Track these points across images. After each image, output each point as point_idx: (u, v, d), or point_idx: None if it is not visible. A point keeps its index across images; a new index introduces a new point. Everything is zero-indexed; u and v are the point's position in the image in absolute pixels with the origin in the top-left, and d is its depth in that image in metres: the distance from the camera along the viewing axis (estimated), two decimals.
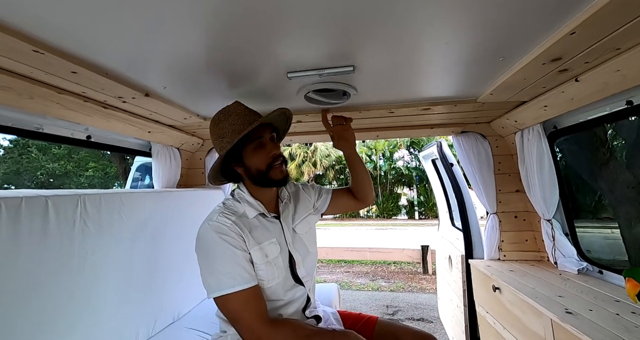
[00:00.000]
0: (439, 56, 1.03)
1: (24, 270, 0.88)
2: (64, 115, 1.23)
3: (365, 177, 1.32)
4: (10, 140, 16.05)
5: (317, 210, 1.28)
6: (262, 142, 1.04)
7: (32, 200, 0.90)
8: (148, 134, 1.69)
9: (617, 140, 1.72)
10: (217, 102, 1.48)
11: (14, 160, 15.74)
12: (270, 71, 1.13)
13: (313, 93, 1.40)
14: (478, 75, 1.20)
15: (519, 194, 1.85)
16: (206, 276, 0.94)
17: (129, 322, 1.23)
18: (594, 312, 1.03)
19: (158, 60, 0.99)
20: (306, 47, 0.93)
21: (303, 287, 1.12)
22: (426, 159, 2.98)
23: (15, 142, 15.91)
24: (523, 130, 1.62)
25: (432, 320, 3.39)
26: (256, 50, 0.96)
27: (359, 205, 1.37)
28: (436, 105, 1.53)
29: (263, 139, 1.04)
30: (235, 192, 1.11)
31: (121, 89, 1.15)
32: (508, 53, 0.99)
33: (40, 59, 0.87)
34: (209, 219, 1.00)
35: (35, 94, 1.03)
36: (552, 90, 1.22)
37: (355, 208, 1.39)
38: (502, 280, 1.44)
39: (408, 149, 17.84)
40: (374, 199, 1.42)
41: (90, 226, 1.09)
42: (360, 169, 1.31)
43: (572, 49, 0.89)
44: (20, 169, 15.48)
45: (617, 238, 1.61)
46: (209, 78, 1.17)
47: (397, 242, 8.58)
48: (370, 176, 1.36)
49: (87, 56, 0.92)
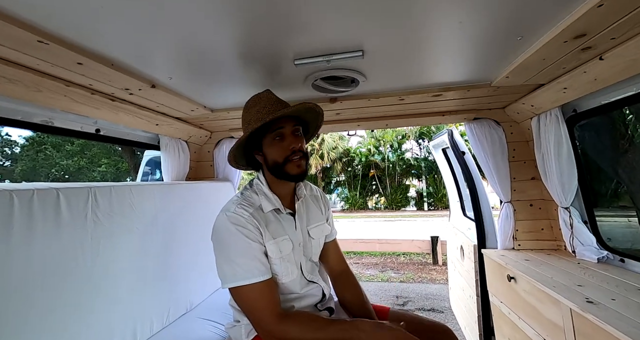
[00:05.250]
0: (452, 37, 0.98)
1: (38, 261, 0.89)
2: (73, 109, 1.23)
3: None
4: (26, 138, 16.54)
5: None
6: (283, 134, 1.01)
7: (44, 193, 0.91)
8: (156, 126, 1.69)
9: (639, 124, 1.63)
10: (222, 94, 1.46)
11: (30, 157, 16.23)
12: (277, 58, 1.10)
13: (321, 81, 1.37)
14: (493, 57, 1.14)
15: (535, 181, 1.79)
16: (222, 266, 0.94)
17: (143, 312, 1.25)
18: (617, 301, 0.99)
19: (163, 50, 0.98)
20: (315, 30, 0.90)
21: (318, 284, 1.12)
22: (436, 148, 2.92)
23: (31, 140, 16.38)
24: (540, 115, 1.55)
25: (442, 311, 3.37)
26: (263, 36, 0.93)
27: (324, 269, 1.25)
28: (448, 91, 1.48)
29: (284, 131, 1.01)
30: (254, 182, 1.09)
31: (127, 81, 1.15)
32: (527, 31, 0.93)
33: (45, 50, 0.86)
34: (226, 210, 1.00)
35: (43, 87, 1.03)
36: (573, 71, 1.15)
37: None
38: (518, 269, 1.41)
39: (417, 140, 17.60)
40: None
41: (101, 218, 1.10)
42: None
43: (598, 23, 0.83)
44: (36, 166, 15.95)
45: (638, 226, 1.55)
46: (215, 68, 1.15)
47: (406, 233, 8.54)
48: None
49: (91, 47, 0.91)
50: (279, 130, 1.01)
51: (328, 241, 1.24)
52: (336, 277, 1.23)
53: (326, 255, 1.24)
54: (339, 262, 1.25)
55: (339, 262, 1.25)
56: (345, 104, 1.62)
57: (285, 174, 1.01)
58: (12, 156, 17.09)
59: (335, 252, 1.26)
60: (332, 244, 1.26)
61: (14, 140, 17.00)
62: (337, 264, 1.25)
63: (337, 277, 1.23)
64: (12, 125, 1.14)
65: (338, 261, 1.25)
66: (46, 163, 16.05)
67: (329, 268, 1.25)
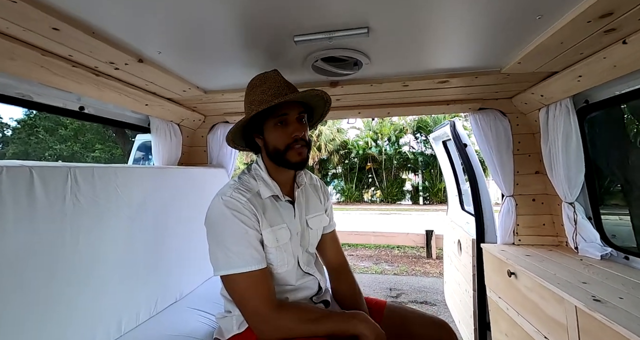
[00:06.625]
0: (466, 16, 0.90)
1: (10, 249, 0.81)
2: (52, 82, 1.14)
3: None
4: (18, 120, 16.17)
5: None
6: (286, 120, 0.95)
7: (14, 171, 0.83)
8: (145, 107, 1.60)
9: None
10: (216, 73, 1.37)
11: (22, 140, 15.90)
12: (275, 34, 1.01)
13: (322, 62, 1.28)
14: (506, 40, 1.07)
15: (539, 175, 1.74)
16: (215, 252, 0.89)
17: (130, 302, 1.19)
18: (625, 300, 0.95)
19: (152, 19, 0.88)
20: (317, 2, 0.81)
21: (314, 276, 1.08)
22: (437, 141, 2.86)
23: (23, 122, 16.03)
24: (549, 105, 1.49)
25: (435, 304, 3.38)
26: (260, 7, 0.84)
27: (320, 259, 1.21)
28: (455, 77, 1.40)
29: (288, 117, 0.95)
30: (252, 167, 1.04)
31: (112, 53, 1.05)
32: (548, 8, 0.85)
33: (14, 10, 0.76)
34: (222, 193, 0.94)
35: (16, 55, 0.93)
36: (591, 57, 1.08)
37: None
38: (519, 265, 1.37)
39: (414, 134, 17.52)
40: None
41: (82, 202, 1.02)
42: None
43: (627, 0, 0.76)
44: (29, 149, 15.65)
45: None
46: (208, 44, 1.06)
47: (401, 226, 8.56)
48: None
49: (69, 11, 0.82)
50: (284, 116, 0.94)
51: (326, 233, 1.19)
52: (333, 271, 1.19)
53: (324, 248, 1.19)
54: (337, 255, 1.20)
55: (337, 255, 1.20)
56: (347, 89, 1.54)
57: (285, 161, 0.96)
58: (3, 139, 16.74)
59: (334, 244, 1.21)
60: (331, 235, 1.20)
61: (5, 122, 16.60)
62: (335, 257, 1.20)
63: (334, 271, 1.19)
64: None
65: (336, 254, 1.20)
66: (39, 147, 15.75)
67: (327, 261, 1.20)
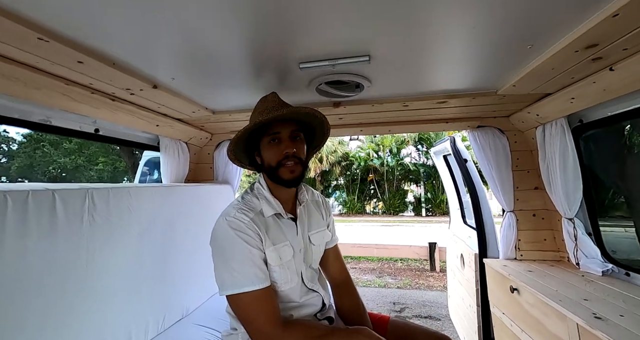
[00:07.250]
0: (461, 44, 0.96)
1: (33, 265, 0.86)
2: (72, 108, 1.21)
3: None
4: (24, 135, 16.41)
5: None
6: (279, 138, 0.99)
7: (39, 194, 0.88)
8: (156, 127, 1.66)
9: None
10: (225, 96, 1.44)
11: (27, 154, 16.09)
12: (281, 61, 1.08)
13: (325, 85, 1.35)
14: (501, 65, 1.13)
15: (538, 191, 1.78)
16: (220, 272, 0.92)
17: (138, 318, 1.22)
18: (625, 318, 0.97)
19: (167, 50, 0.95)
20: (321, 33, 0.88)
21: (318, 293, 1.10)
22: (438, 155, 2.91)
23: (29, 137, 16.26)
24: (545, 124, 1.54)
25: (440, 318, 3.33)
26: (269, 39, 0.91)
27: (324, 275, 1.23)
28: (453, 98, 1.46)
29: (281, 135, 0.99)
30: (255, 186, 1.07)
31: (129, 81, 1.12)
32: (538, 39, 0.92)
33: (45, 48, 0.83)
34: (226, 214, 0.97)
35: (42, 85, 1.00)
36: (581, 81, 1.14)
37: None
38: (521, 281, 1.38)
39: (416, 146, 17.60)
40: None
41: (98, 220, 1.07)
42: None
43: (611, 33, 0.82)
44: (34, 163, 15.82)
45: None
46: (218, 69, 1.13)
47: (404, 239, 8.50)
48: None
49: (93, 45, 0.89)
50: (276, 134, 0.99)
51: (329, 248, 1.21)
52: (336, 286, 1.21)
53: (327, 263, 1.21)
54: (340, 270, 1.23)
55: (340, 271, 1.22)
56: (349, 108, 1.61)
57: (278, 178, 0.99)
58: (9, 153, 16.95)
59: (337, 259, 1.23)
60: (333, 250, 1.23)
61: (12, 137, 16.87)
62: (338, 272, 1.22)
63: (337, 286, 1.21)
64: (9, 124, 1.11)
65: (339, 269, 1.23)
66: (43, 160, 15.92)
67: (330, 276, 1.22)
